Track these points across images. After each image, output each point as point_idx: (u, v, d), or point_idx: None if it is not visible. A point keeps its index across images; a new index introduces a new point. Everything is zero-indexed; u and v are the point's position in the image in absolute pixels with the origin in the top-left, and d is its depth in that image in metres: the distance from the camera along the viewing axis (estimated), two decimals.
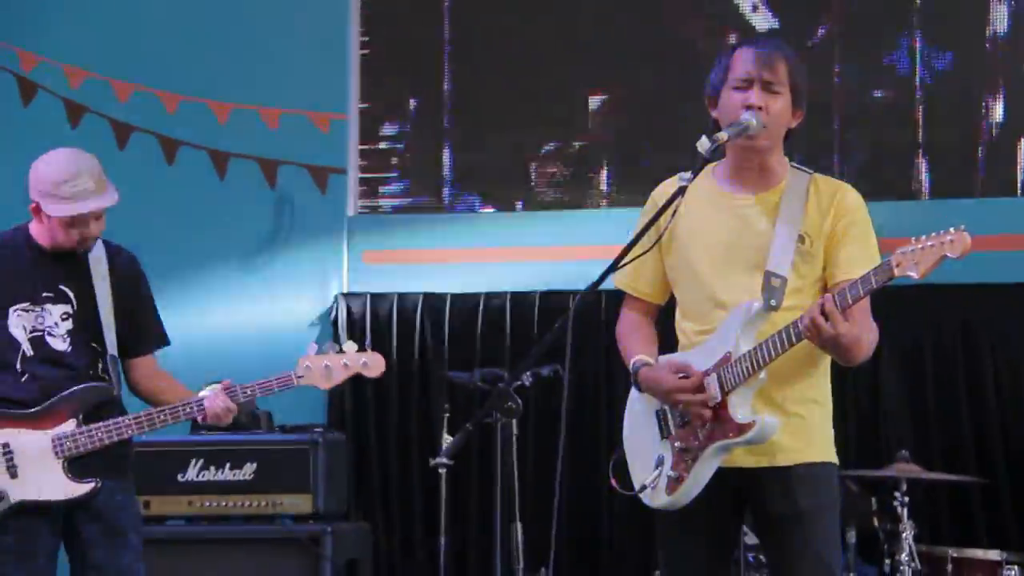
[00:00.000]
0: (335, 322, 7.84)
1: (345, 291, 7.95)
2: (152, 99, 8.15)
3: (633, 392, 4.31)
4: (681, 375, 4.13)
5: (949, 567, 6.20)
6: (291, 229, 8.09)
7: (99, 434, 4.98)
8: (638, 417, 4.29)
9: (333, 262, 8.02)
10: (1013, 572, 5.95)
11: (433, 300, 7.89)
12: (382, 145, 8.20)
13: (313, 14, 8.13)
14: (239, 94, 8.09)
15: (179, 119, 8.15)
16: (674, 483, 4.15)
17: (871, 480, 6.45)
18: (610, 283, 4.20)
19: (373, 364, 5.14)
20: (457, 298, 7.89)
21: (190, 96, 8.13)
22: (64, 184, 4.96)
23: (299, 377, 5.07)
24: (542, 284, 7.74)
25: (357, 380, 7.54)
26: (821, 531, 4.13)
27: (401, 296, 7.89)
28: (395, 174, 8.20)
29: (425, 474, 7.39)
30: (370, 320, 7.80)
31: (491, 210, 8.09)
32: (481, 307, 7.86)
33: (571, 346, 3.96)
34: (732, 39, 7.71)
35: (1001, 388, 7.26)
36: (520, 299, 7.81)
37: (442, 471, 6.91)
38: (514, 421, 4.08)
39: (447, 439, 6.94)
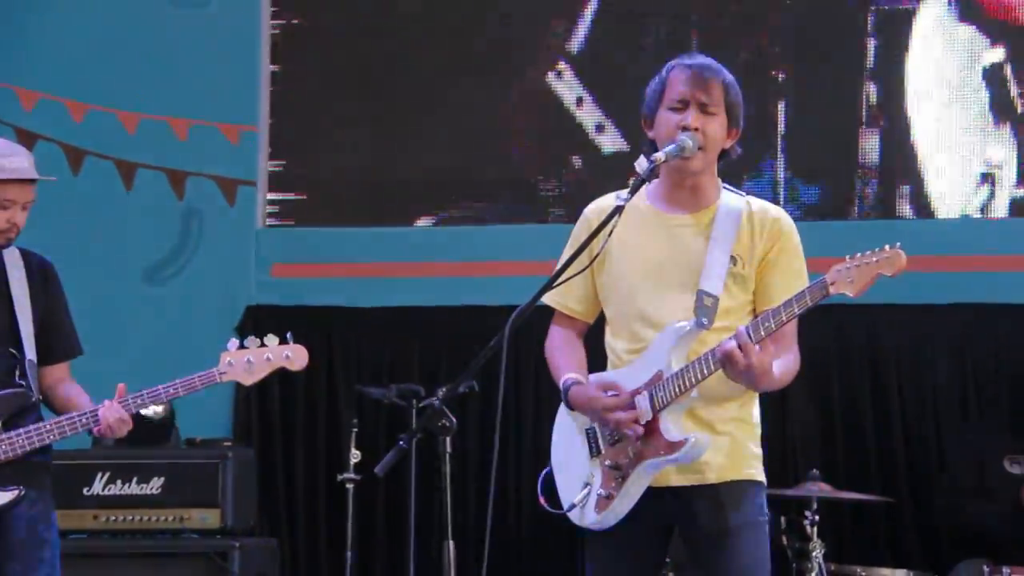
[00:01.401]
0: (243, 334, 7.76)
1: (254, 304, 7.89)
2: (58, 108, 8.05)
3: (562, 410, 4.31)
4: (611, 393, 4.14)
5: None
6: (199, 241, 8.03)
7: (20, 441, 4.91)
8: (567, 435, 4.30)
9: (242, 275, 7.96)
10: None
11: (342, 314, 7.85)
12: (289, 158, 8.15)
13: (224, 26, 8.07)
14: (148, 104, 8.02)
15: (86, 128, 8.06)
16: (603, 501, 4.17)
17: (780, 499, 6.50)
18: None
19: (296, 356, 5.06)
20: (366, 312, 7.86)
21: (98, 105, 8.04)
22: (2, 158, 4.97)
23: (222, 373, 5.00)
24: (455, 299, 7.74)
25: (264, 393, 7.71)
26: (750, 548, 4.15)
27: (310, 309, 7.84)
28: (305, 186, 8.15)
29: (332, 489, 7.36)
30: (279, 333, 7.72)
31: (401, 225, 8.06)
32: (391, 322, 7.83)
33: (505, 363, 3.94)
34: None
35: (906, 409, 7.36)
36: (431, 313, 7.80)
37: (349, 486, 6.91)
38: (447, 439, 4.06)
39: (355, 454, 6.93)
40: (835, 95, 7.72)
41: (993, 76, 7.60)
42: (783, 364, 4.10)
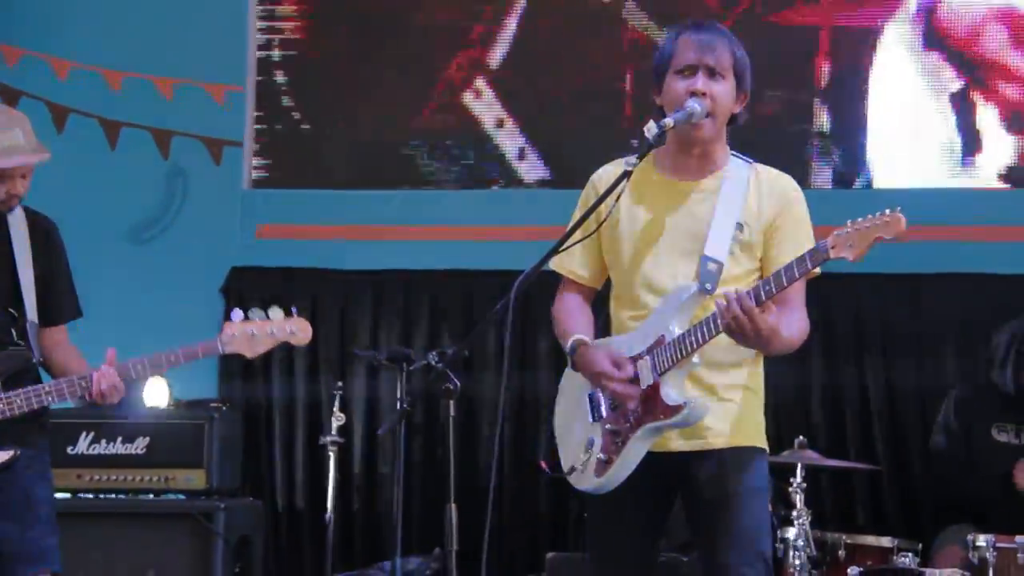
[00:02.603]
0: (228, 296, 7.76)
1: (238, 265, 7.87)
2: (42, 65, 8.00)
3: (567, 373, 4.32)
4: (612, 361, 4.14)
5: (842, 553, 6.27)
6: (184, 201, 8.00)
7: (18, 401, 4.89)
8: (570, 398, 4.31)
9: (226, 236, 7.93)
10: (907, 559, 6.02)
11: (326, 276, 7.84)
12: (276, 118, 8.12)
13: None
14: (133, 63, 7.97)
15: (70, 86, 8.01)
16: (603, 465, 4.17)
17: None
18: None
19: (300, 332, 5.03)
20: (351, 275, 7.84)
21: (82, 63, 7.99)
22: None
23: (225, 344, 4.97)
24: (439, 263, 7.73)
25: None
26: (750, 514, 4.17)
27: (295, 271, 7.83)
28: (291, 148, 8.12)
29: (314, 451, 7.36)
30: (262, 294, 7.72)
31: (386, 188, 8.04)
32: (375, 285, 7.82)
33: (511, 326, 3.94)
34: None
35: (890, 377, 7.39)
36: (415, 277, 7.79)
37: (332, 449, 6.90)
38: (451, 402, 4.06)
39: (338, 416, 6.92)
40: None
41: None
42: (791, 325, 4.10)
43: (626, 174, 4.03)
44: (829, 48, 7.73)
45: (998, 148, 7.64)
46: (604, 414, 4.20)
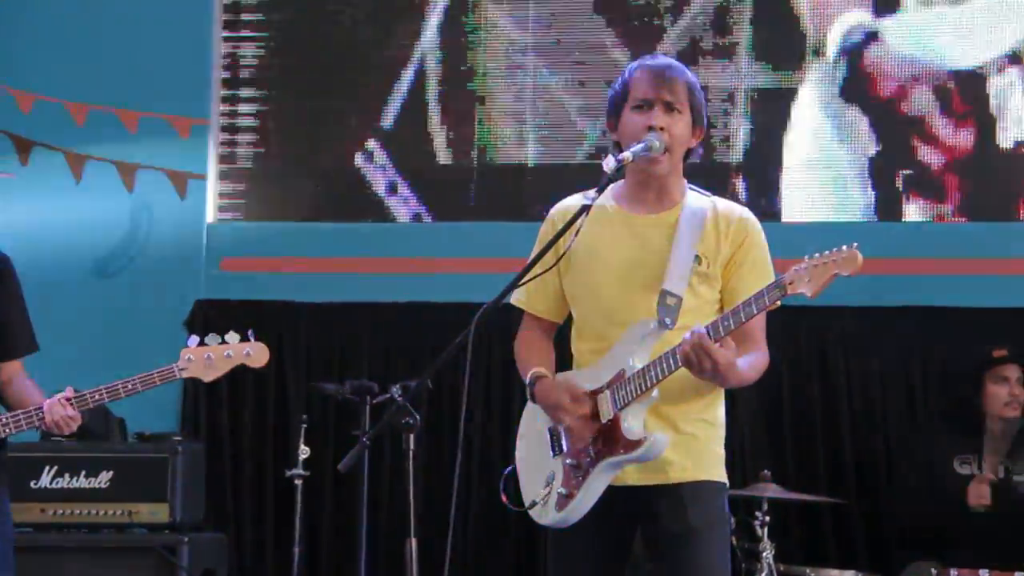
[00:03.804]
0: (192, 329, 7.73)
1: (203, 298, 7.85)
2: (6, 98, 7.98)
3: (528, 407, 4.31)
4: (569, 395, 4.14)
5: None
6: (149, 234, 7.98)
7: None
8: (530, 432, 4.30)
9: (191, 268, 7.92)
10: None
11: (292, 309, 7.83)
12: (240, 152, 8.11)
13: (176, 17, 8.02)
14: (97, 95, 7.94)
15: (34, 119, 7.97)
16: (564, 500, 4.17)
17: (731, 499, 6.51)
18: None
19: (256, 354, 5.06)
20: (316, 308, 7.83)
21: (46, 96, 7.97)
22: None
23: (181, 369, 4.97)
24: (405, 295, 7.72)
25: (212, 387, 7.65)
26: (710, 548, 4.16)
27: (259, 304, 7.81)
28: (256, 181, 8.12)
29: (280, 485, 7.33)
30: (228, 328, 7.69)
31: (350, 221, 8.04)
32: (340, 317, 7.81)
33: (469, 360, 3.94)
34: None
35: (854, 409, 7.41)
36: (380, 309, 7.78)
37: (298, 482, 6.89)
38: (411, 436, 4.05)
39: (304, 450, 6.91)
40: None
41: None
42: (750, 360, 4.12)
43: (584, 208, 4.03)
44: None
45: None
46: (565, 448, 4.20)
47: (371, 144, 8.02)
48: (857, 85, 7.71)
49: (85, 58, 7.97)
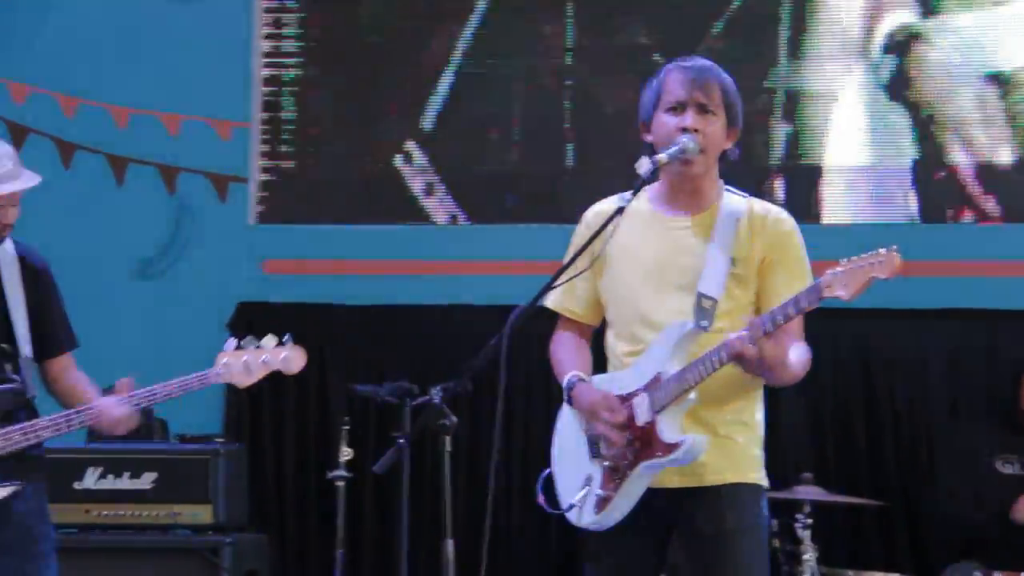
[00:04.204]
0: (235, 331, 7.76)
1: (245, 300, 7.88)
2: (50, 102, 8.04)
3: (564, 409, 4.31)
4: (606, 403, 4.15)
5: None
6: (190, 237, 8.02)
7: (16, 436, 4.90)
8: (568, 435, 4.30)
9: (233, 271, 7.95)
10: None
11: (333, 311, 7.85)
12: (281, 154, 8.14)
13: (217, 20, 8.06)
14: (140, 99, 8.00)
15: (77, 123, 8.04)
16: (602, 502, 4.17)
17: (772, 502, 6.49)
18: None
19: (293, 359, 5.08)
20: (357, 310, 7.85)
21: (89, 100, 8.02)
22: None
23: (218, 375, 5.00)
24: (445, 298, 7.73)
25: (254, 391, 7.67)
26: (748, 551, 4.16)
27: (301, 306, 7.83)
28: (297, 183, 8.14)
29: (322, 486, 7.35)
30: (270, 330, 7.71)
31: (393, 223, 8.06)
32: (382, 319, 7.83)
33: (504, 363, 3.95)
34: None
35: (897, 412, 7.38)
36: (421, 312, 7.79)
37: (340, 484, 6.90)
38: (447, 438, 4.06)
39: (346, 452, 6.92)
40: None
41: None
42: (797, 354, 4.11)
43: (620, 210, 4.04)
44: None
45: None
46: (602, 451, 4.19)
47: (410, 146, 8.03)
48: (900, 86, 7.68)
49: (127, 62, 8.02)
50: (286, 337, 5.05)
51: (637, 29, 7.90)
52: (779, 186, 7.75)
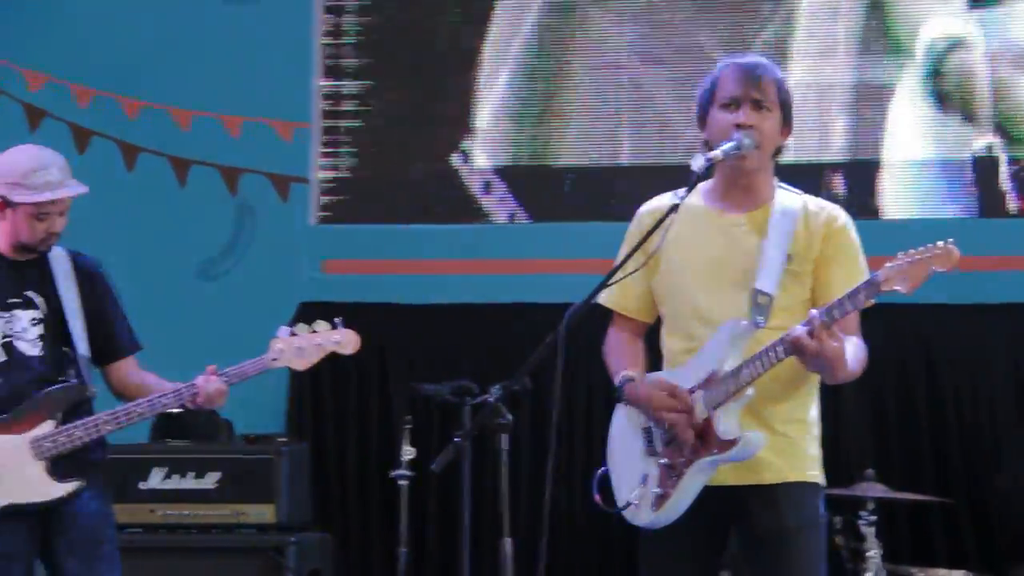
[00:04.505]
0: None
1: (306, 300, 7.91)
2: (113, 104, 8.10)
3: (619, 408, 4.31)
4: (667, 392, 4.14)
5: None
6: (252, 238, 8.06)
7: (77, 432, 4.95)
8: (623, 433, 4.29)
9: (294, 271, 7.99)
10: None
11: (395, 311, 7.87)
12: (341, 154, 8.17)
13: (278, 22, 8.10)
14: (202, 101, 8.05)
15: (140, 125, 8.10)
16: (659, 500, 4.16)
17: (834, 499, 6.47)
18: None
19: (347, 341, 5.12)
20: (418, 309, 7.87)
21: (151, 102, 8.08)
22: (33, 173, 4.96)
23: (273, 360, 5.05)
24: (505, 297, 7.74)
25: (317, 389, 7.74)
26: (806, 550, 4.14)
27: (362, 306, 7.85)
28: (357, 184, 8.17)
29: (385, 486, 7.38)
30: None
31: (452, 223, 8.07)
32: (443, 319, 7.84)
33: (560, 361, 3.96)
34: None
35: (961, 408, 7.33)
36: (482, 311, 7.80)
37: (402, 483, 6.92)
38: (503, 436, 4.07)
39: (408, 451, 6.94)
40: None
41: None
42: (854, 350, 4.10)
43: (674, 207, 4.03)
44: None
45: None
46: (659, 448, 4.19)
47: (467, 144, 8.04)
48: (958, 80, 7.62)
49: (189, 64, 8.07)
50: (337, 320, 5.08)
51: (694, 25, 7.87)
52: (839, 181, 7.71)
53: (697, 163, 4.03)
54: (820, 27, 7.77)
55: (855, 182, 7.70)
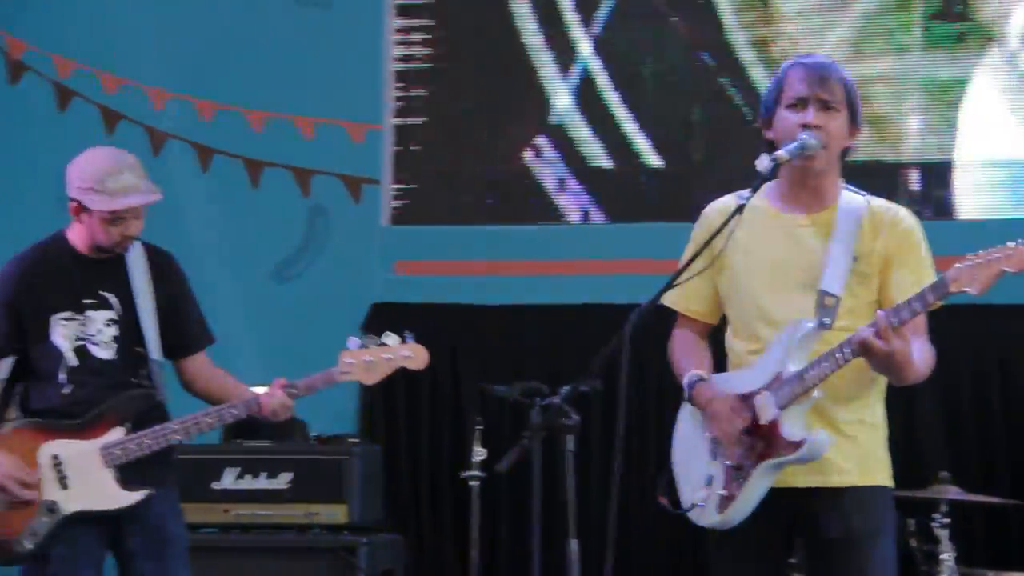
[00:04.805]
0: (369, 333, 7.80)
1: (379, 301, 7.94)
2: (187, 107, 8.16)
3: (684, 408, 4.30)
4: (727, 402, 4.13)
5: None
6: (325, 239, 8.10)
7: (147, 441, 4.99)
8: (689, 434, 4.28)
9: (367, 272, 8.01)
10: None
11: (466, 312, 7.88)
12: (413, 155, 8.18)
13: (348, 24, 8.12)
14: (275, 103, 8.10)
15: (214, 127, 8.16)
16: (724, 502, 4.15)
17: (908, 501, 6.41)
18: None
19: (416, 356, 5.12)
20: (490, 310, 7.88)
21: (226, 104, 8.14)
22: (108, 178, 4.97)
23: (343, 373, 5.07)
24: (578, 297, 7.73)
25: (389, 390, 7.76)
26: (876, 557, 4.12)
27: (434, 307, 7.87)
28: (429, 184, 8.19)
29: (457, 487, 7.38)
30: (404, 331, 7.76)
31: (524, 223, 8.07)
32: (515, 319, 7.85)
33: (626, 362, 3.95)
34: None
35: None
36: (554, 311, 7.79)
37: (474, 484, 6.92)
38: (569, 437, 4.07)
39: (479, 452, 6.93)
40: None
41: None
42: (921, 352, 4.07)
43: (739, 208, 4.01)
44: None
45: None
46: (724, 450, 4.17)
47: (541, 140, 8.04)
48: None
49: (262, 67, 8.11)
50: (407, 334, 5.08)
51: (766, 23, 7.83)
52: (914, 180, 7.64)
53: (762, 164, 4.01)
54: (894, 21, 7.70)
55: (930, 181, 7.63)
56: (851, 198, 4.19)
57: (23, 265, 5.15)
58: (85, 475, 4.97)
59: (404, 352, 5.10)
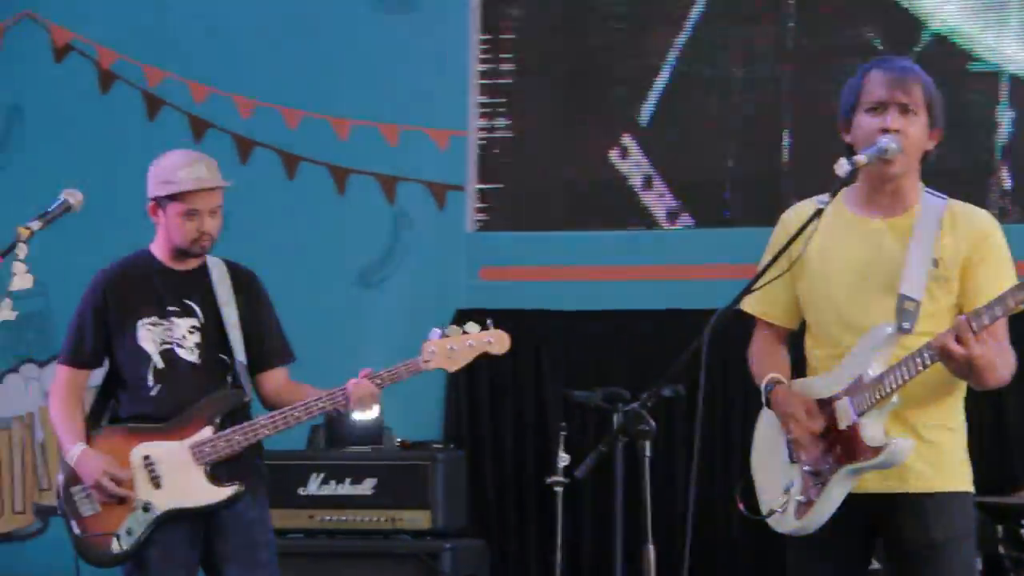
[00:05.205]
0: None
1: (463, 307, 7.96)
2: (274, 115, 8.23)
3: (763, 414, 4.28)
4: (805, 407, 4.11)
5: None
6: (409, 245, 8.13)
7: (236, 437, 5.06)
8: (767, 439, 4.27)
9: (451, 279, 8.04)
10: None
11: (550, 317, 7.88)
12: (497, 161, 8.20)
13: (433, 31, 8.16)
14: (360, 110, 8.15)
15: (300, 135, 8.22)
16: (803, 507, 4.13)
17: (997, 507, 6.36)
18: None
19: (497, 342, 5.16)
20: (574, 316, 7.88)
21: (311, 112, 8.20)
22: (180, 170, 5.11)
23: (426, 361, 5.10)
24: (662, 303, 7.71)
25: (473, 396, 7.78)
26: (957, 564, 4.09)
27: (518, 313, 7.86)
28: (513, 190, 8.20)
29: (541, 492, 7.39)
30: None
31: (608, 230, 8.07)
32: (599, 325, 7.84)
33: (704, 367, 3.93)
34: None
35: None
36: (638, 317, 7.78)
37: (558, 489, 6.92)
38: (648, 443, 4.07)
39: (563, 457, 6.94)
40: None
41: None
42: (1003, 356, 4.04)
43: (818, 212, 3.99)
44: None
45: None
46: (803, 455, 4.15)
47: (626, 140, 8.02)
48: None
49: (346, 74, 8.17)
50: (488, 321, 5.11)
51: (856, 26, 7.77)
52: (1005, 176, 7.55)
53: (841, 168, 3.98)
54: (985, 16, 7.61)
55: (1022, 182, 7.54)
56: (931, 201, 4.16)
57: (109, 275, 5.28)
58: (177, 473, 5.05)
59: (485, 338, 5.14)
